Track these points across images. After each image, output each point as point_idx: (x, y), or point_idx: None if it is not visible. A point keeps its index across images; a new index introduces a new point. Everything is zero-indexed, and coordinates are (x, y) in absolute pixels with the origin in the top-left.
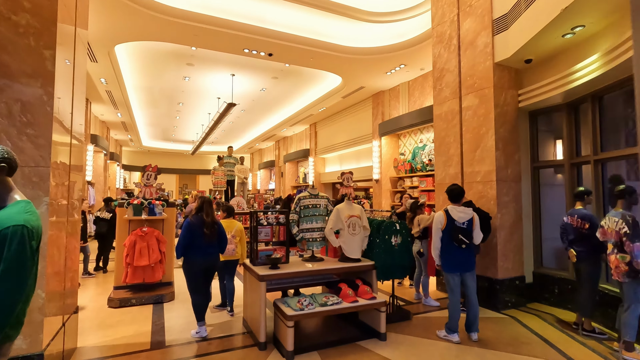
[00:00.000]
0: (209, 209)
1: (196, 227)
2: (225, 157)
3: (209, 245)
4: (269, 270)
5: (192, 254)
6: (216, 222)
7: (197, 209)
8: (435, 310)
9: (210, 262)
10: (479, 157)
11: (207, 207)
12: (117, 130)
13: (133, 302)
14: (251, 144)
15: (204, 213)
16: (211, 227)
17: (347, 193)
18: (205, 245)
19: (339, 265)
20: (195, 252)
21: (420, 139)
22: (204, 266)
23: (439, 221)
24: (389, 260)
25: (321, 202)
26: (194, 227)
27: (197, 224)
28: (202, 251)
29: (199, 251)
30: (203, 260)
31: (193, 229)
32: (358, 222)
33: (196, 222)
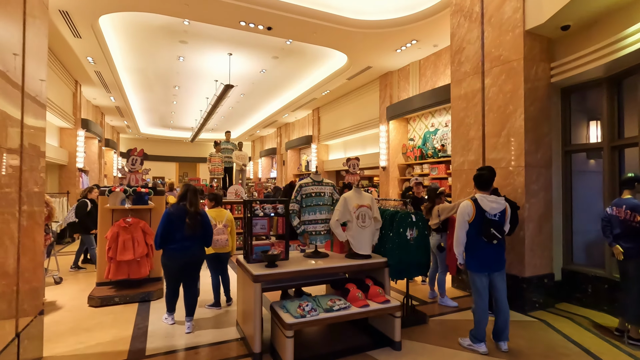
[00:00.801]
0: (194, 197)
1: (176, 218)
2: (222, 143)
3: (191, 238)
4: (265, 269)
5: (170, 247)
6: (200, 212)
7: (180, 197)
8: (453, 311)
9: (191, 256)
10: (505, 140)
11: (192, 195)
12: (112, 115)
13: (116, 301)
14: (252, 131)
15: (187, 202)
16: (194, 217)
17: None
18: (186, 237)
19: (346, 262)
20: (174, 245)
21: (431, 123)
22: (183, 261)
23: (466, 212)
24: (404, 257)
25: (326, 189)
26: (173, 217)
27: (178, 214)
28: (181, 244)
29: (178, 244)
30: (182, 254)
31: (172, 219)
32: (368, 213)
33: (176, 212)
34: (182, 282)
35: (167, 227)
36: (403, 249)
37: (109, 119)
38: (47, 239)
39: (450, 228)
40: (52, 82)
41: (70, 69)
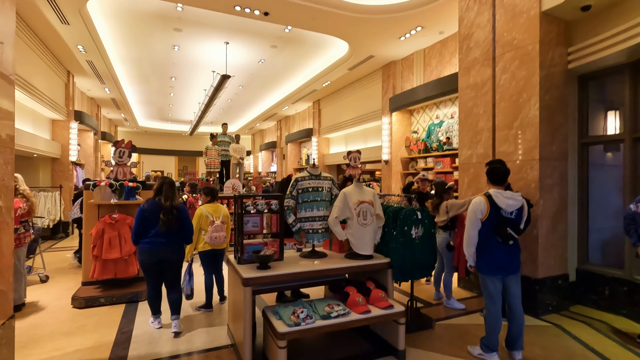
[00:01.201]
0: (169, 191)
1: (150, 213)
2: (219, 136)
3: (166, 235)
4: (257, 272)
5: (143, 242)
6: (177, 207)
7: (155, 191)
8: (460, 314)
9: (166, 253)
10: (517, 131)
11: (167, 189)
12: (108, 108)
13: (102, 302)
14: (251, 124)
15: (162, 196)
16: (169, 212)
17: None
18: (160, 233)
19: (345, 263)
20: (147, 240)
21: (436, 115)
22: (157, 258)
23: (478, 210)
24: (409, 257)
25: (324, 184)
26: (147, 212)
27: (152, 209)
28: (153, 240)
29: (150, 239)
30: (154, 251)
31: (146, 214)
32: (370, 209)
33: (150, 207)
34: (163, 281)
35: (141, 223)
36: (408, 248)
37: (106, 112)
38: (26, 235)
39: (459, 226)
40: (42, 73)
41: (61, 59)
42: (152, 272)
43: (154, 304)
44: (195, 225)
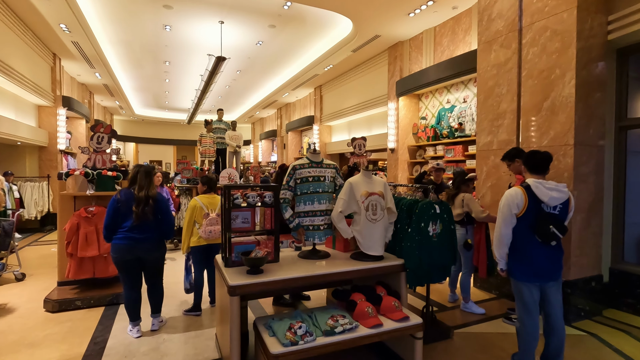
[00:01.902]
0: (144, 180)
1: (122, 204)
2: (214, 122)
3: (142, 228)
4: (246, 277)
5: (116, 238)
6: (153, 197)
7: (130, 180)
8: (480, 319)
9: (143, 250)
10: (548, 112)
11: (142, 177)
12: (101, 95)
13: (78, 305)
14: (251, 112)
15: (137, 186)
16: (144, 203)
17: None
18: (136, 227)
19: (352, 266)
20: (121, 237)
21: (447, 99)
22: (132, 255)
23: (514, 203)
24: (426, 258)
25: (327, 173)
26: (119, 204)
27: (125, 199)
28: (128, 235)
29: (124, 234)
30: (130, 247)
31: (119, 206)
32: (380, 202)
33: (123, 197)
34: (142, 282)
35: (114, 217)
36: (424, 248)
37: (99, 99)
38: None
39: (479, 222)
40: (23, 54)
41: (45, 40)
42: (129, 272)
43: (132, 308)
44: (188, 218)
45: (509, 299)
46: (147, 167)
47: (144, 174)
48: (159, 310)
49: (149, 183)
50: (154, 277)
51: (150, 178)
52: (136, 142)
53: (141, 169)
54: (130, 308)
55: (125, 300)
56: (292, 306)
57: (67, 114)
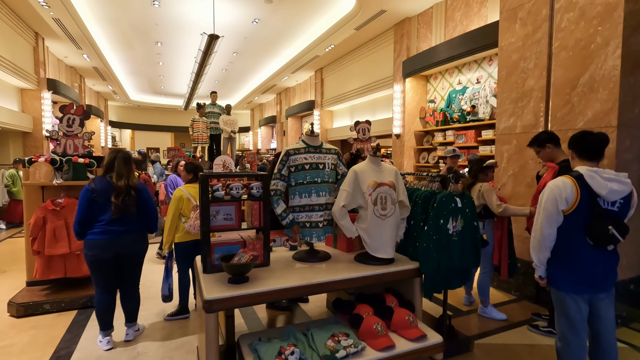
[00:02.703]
0: (123, 167)
1: (99, 195)
2: (207, 106)
3: (123, 222)
4: (227, 288)
5: (92, 233)
6: (134, 186)
7: (106, 167)
8: (501, 327)
9: (125, 245)
10: (586, 89)
11: (120, 164)
12: (93, 79)
13: (46, 308)
14: (250, 98)
15: (114, 173)
16: (124, 193)
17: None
18: (115, 221)
19: (357, 272)
20: (99, 231)
21: (458, 80)
22: (114, 252)
23: (561, 197)
24: (445, 261)
25: (327, 159)
26: (95, 194)
27: (100, 189)
28: (108, 230)
29: (102, 229)
30: (110, 243)
31: (93, 197)
32: (391, 194)
33: (99, 187)
34: (119, 283)
35: (88, 210)
36: (443, 248)
37: (91, 83)
38: None
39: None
40: (2, 33)
41: (24, 17)
42: (106, 272)
43: (104, 315)
44: (173, 210)
45: (531, 301)
46: (126, 152)
47: (123, 161)
48: (134, 318)
49: (129, 171)
50: (132, 278)
51: (130, 165)
52: (132, 128)
53: (119, 155)
54: (102, 315)
55: (97, 306)
56: (289, 310)
57: (53, 98)
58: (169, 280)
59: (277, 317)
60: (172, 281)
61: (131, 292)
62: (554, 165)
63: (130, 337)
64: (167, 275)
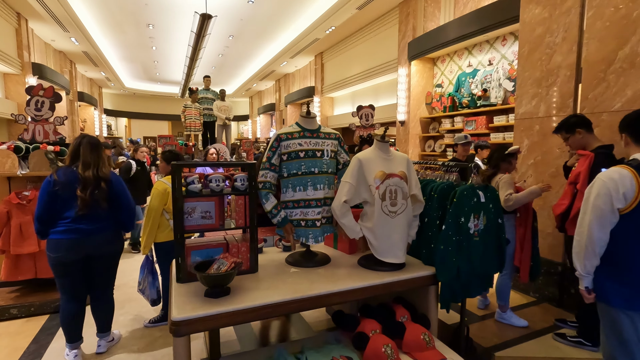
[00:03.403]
0: (90, 154)
1: (62, 188)
2: (200, 91)
3: (92, 218)
4: (202, 304)
5: (56, 231)
6: (105, 177)
7: (71, 156)
8: (523, 334)
9: (95, 246)
10: (626, 65)
11: (86, 151)
12: (84, 65)
13: (14, 313)
14: (248, 85)
15: (80, 162)
16: (92, 186)
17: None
18: (83, 217)
19: (362, 281)
20: (63, 230)
21: (467, 63)
22: (80, 254)
23: (619, 193)
24: (465, 266)
25: (326, 145)
26: (57, 187)
27: (64, 181)
28: (74, 228)
29: (67, 227)
30: (77, 243)
31: (55, 190)
32: (402, 187)
33: (62, 178)
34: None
35: (50, 205)
36: (463, 251)
37: (83, 69)
38: None
39: (523, 210)
40: None
41: None
42: (73, 277)
43: (71, 325)
44: (155, 206)
45: (552, 304)
46: (92, 137)
47: (89, 147)
48: (107, 328)
49: (97, 159)
50: (103, 283)
51: (98, 152)
52: (128, 117)
53: (84, 140)
54: (68, 325)
55: (62, 315)
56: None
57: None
58: (156, 284)
59: (270, 324)
60: (160, 283)
61: (103, 299)
62: (588, 152)
63: (103, 348)
64: (154, 279)
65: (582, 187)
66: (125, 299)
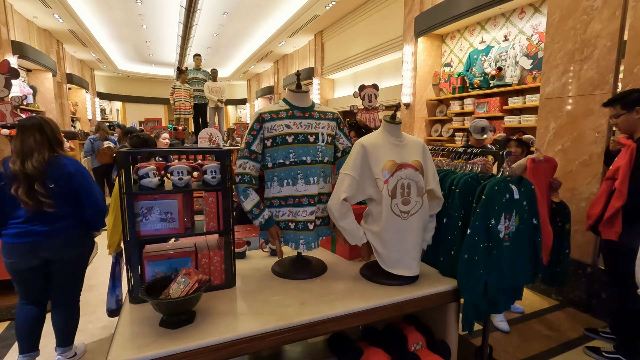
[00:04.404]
0: (20, 142)
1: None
2: (190, 71)
3: (44, 219)
4: (154, 339)
5: (7, 236)
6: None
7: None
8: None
9: (52, 249)
10: None
11: (17, 137)
12: (72, 45)
13: None
14: (245, 67)
15: (15, 153)
16: (26, 183)
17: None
18: (33, 218)
19: (365, 301)
20: (14, 232)
21: (480, 39)
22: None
23: None
24: (494, 279)
25: (321, 127)
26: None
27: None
28: (28, 230)
29: (21, 230)
30: (29, 246)
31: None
32: (417, 181)
33: (4, 172)
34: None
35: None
36: (493, 261)
37: (72, 50)
38: None
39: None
40: None
41: None
42: (30, 284)
43: (27, 331)
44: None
45: (579, 309)
46: (30, 118)
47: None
48: (69, 341)
49: (41, 146)
50: (64, 291)
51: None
52: (122, 100)
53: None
54: (22, 332)
55: (18, 320)
56: None
57: (22, 64)
58: (117, 291)
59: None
60: (122, 292)
61: (65, 308)
62: (630, 142)
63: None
64: (114, 285)
65: (620, 185)
66: (99, 301)
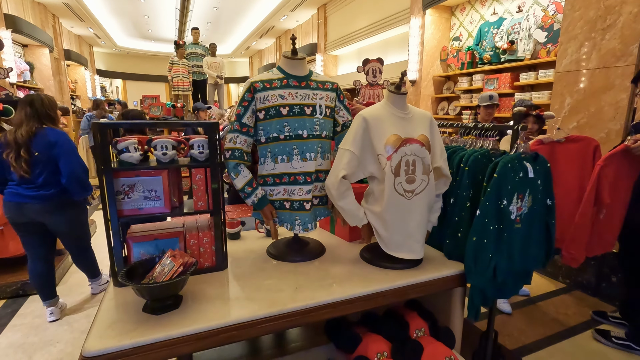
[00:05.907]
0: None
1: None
2: (187, 46)
3: (29, 183)
4: (135, 326)
5: (5, 194)
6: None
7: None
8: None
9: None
10: None
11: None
12: (69, 19)
13: None
14: (247, 43)
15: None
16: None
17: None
18: (21, 181)
19: (365, 286)
20: (8, 190)
21: (493, 10)
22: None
23: None
24: (504, 263)
25: (319, 98)
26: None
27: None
28: (16, 192)
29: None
30: (15, 206)
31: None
32: (424, 158)
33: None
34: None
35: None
36: (503, 245)
37: (68, 25)
38: None
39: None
40: None
41: None
42: (27, 237)
43: (39, 285)
44: None
45: (587, 293)
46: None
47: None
48: (95, 274)
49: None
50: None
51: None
52: (123, 78)
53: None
54: (36, 283)
55: (30, 275)
56: None
57: (18, 40)
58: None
59: None
60: None
61: (76, 256)
62: None
63: (96, 290)
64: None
65: None
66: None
